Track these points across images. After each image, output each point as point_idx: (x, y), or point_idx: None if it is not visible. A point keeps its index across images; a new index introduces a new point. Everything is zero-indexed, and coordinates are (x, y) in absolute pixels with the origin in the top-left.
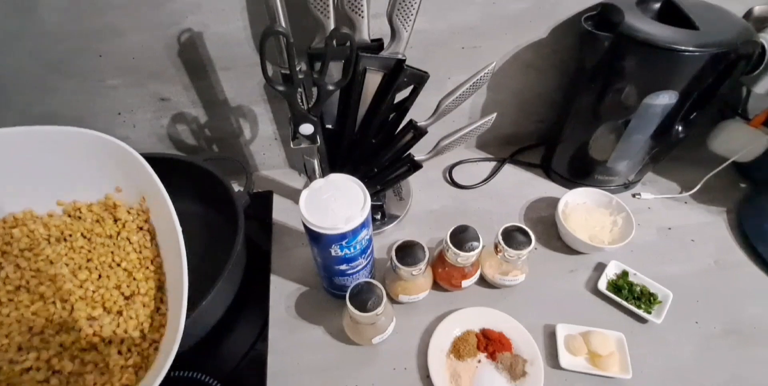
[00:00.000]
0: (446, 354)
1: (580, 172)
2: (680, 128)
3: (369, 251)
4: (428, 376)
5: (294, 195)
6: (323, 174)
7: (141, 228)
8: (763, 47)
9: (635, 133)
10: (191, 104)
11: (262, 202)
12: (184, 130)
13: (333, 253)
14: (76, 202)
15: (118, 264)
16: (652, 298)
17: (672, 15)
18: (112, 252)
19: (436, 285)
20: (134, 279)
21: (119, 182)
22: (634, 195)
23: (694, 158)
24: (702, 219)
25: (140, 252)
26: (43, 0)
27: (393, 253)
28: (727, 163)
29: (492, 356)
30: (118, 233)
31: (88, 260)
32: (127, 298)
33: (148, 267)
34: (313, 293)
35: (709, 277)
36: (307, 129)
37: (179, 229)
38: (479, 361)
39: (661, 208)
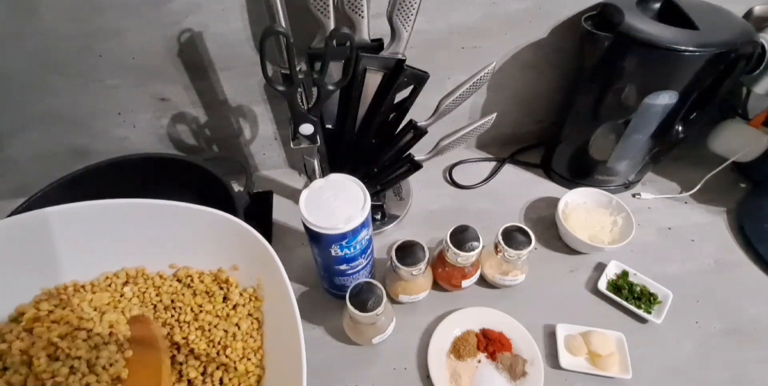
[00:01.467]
0: (446, 354)
1: (580, 172)
2: (680, 128)
3: (369, 251)
4: (428, 376)
5: (294, 195)
6: (323, 174)
7: (250, 315)
8: (763, 47)
9: (635, 133)
10: (191, 104)
11: (262, 202)
12: (184, 130)
13: (333, 253)
14: (189, 268)
15: (224, 350)
16: (652, 298)
17: (672, 15)
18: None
19: (436, 285)
20: (236, 369)
21: (237, 261)
22: (634, 196)
23: (694, 158)
24: (702, 219)
25: (246, 341)
26: (43, 0)
27: (393, 253)
28: (727, 163)
29: (492, 356)
30: (227, 316)
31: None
32: None
33: (250, 359)
34: (313, 293)
35: (709, 277)
36: (307, 129)
37: (300, 330)
38: (479, 361)
39: (661, 208)
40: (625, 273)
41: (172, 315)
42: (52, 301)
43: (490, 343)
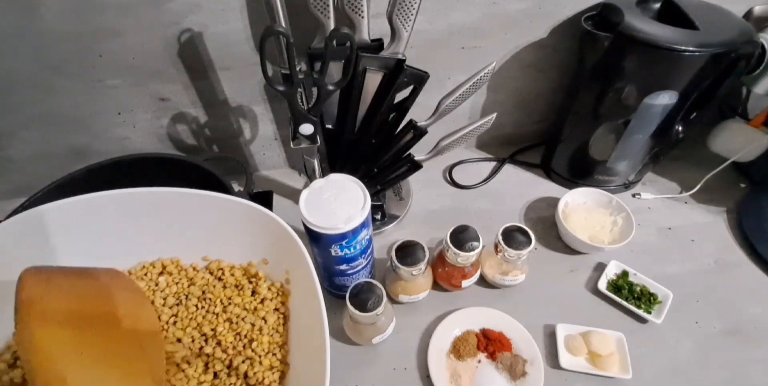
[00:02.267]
0: (446, 354)
1: (580, 172)
2: (680, 128)
3: (369, 251)
4: (428, 376)
5: (294, 195)
6: (323, 174)
7: (277, 310)
8: (763, 47)
9: (635, 133)
10: (191, 104)
11: (262, 202)
12: (184, 130)
13: (333, 253)
14: (221, 261)
15: (249, 343)
16: (652, 298)
17: (672, 15)
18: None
19: (436, 285)
20: (260, 363)
21: (267, 255)
22: (634, 196)
23: (694, 158)
24: (702, 219)
25: (272, 335)
26: (43, 0)
27: (393, 253)
28: (727, 163)
29: (492, 356)
30: (255, 309)
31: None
32: None
33: (275, 354)
34: None
35: (709, 277)
36: (307, 129)
37: (326, 326)
38: (479, 361)
39: (661, 208)
40: (625, 273)
41: (203, 306)
42: None
43: (490, 343)
